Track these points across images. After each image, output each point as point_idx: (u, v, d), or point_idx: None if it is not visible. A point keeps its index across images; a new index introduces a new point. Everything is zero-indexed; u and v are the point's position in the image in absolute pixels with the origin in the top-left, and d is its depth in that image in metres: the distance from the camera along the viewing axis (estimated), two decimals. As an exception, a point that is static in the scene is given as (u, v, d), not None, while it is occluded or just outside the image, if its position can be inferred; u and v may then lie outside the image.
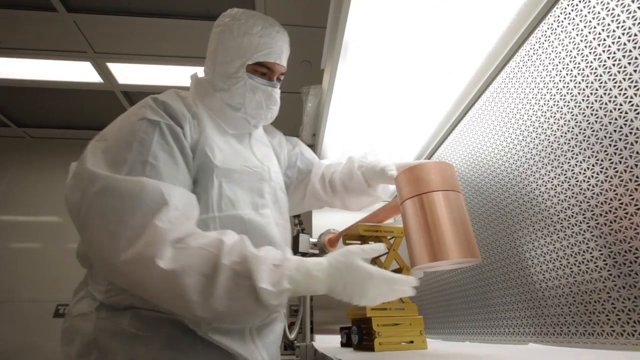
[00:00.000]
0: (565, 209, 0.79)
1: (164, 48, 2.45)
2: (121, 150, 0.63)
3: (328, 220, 1.87)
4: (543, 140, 0.86)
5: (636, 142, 0.63)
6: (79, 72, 2.64)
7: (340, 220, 1.49)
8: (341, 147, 1.59)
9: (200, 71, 0.93)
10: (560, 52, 0.81)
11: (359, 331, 0.87)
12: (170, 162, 0.66)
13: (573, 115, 0.77)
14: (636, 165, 0.63)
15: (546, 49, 0.86)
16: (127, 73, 2.68)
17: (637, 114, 0.63)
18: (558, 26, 0.82)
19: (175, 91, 0.82)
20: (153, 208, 0.55)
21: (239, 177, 0.78)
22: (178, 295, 0.52)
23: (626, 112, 0.65)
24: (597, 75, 0.72)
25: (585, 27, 0.75)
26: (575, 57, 0.77)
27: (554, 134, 0.82)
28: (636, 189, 0.63)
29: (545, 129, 0.85)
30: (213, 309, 0.53)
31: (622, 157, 0.66)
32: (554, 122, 0.83)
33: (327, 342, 1.40)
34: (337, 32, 0.97)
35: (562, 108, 0.80)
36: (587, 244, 0.73)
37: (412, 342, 0.84)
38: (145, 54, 2.50)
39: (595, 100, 0.72)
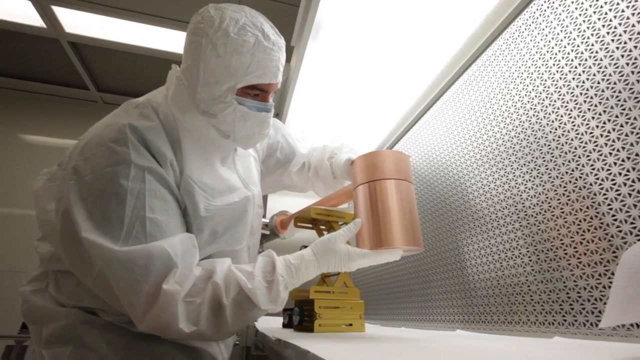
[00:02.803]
0: (503, 209, 0.84)
1: (121, 0, 2.22)
2: (112, 205, 0.60)
3: (282, 203, 1.86)
4: (492, 143, 0.91)
5: (569, 151, 0.69)
6: (16, 10, 2.30)
7: (294, 204, 1.48)
8: (304, 128, 1.57)
9: (160, 34, 0.81)
10: (517, 61, 0.86)
11: (301, 312, 0.87)
12: (165, 208, 0.65)
13: (521, 121, 0.82)
14: (567, 172, 0.69)
15: (505, 56, 0.90)
16: (76, 22, 2.39)
17: (574, 125, 0.68)
18: (519, 36, 0.87)
19: (153, 108, 0.71)
20: (164, 271, 0.60)
21: (220, 218, 0.74)
22: (200, 337, 0.62)
23: (565, 123, 0.70)
24: (545, 87, 0.76)
25: (542, 39, 0.79)
26: (529, 67, 0.82)
27: (502, 138, 0.88)
28: (563, 194, 0.69)
29: (495, 132, 0.90)
30: (229, 333, 0.64)
31: (556, 164, 0.71)
32: (504, 127, 0.88)
33: (270, 323, 1.41)
34: (310, 10, 0.94)
35: (512, 114, 0.85)
36: (517, 241, 0.79)
37: (351, 324, 0.87)
38: (98, 3, 2.24)
39: (541, 110, 0.77)
